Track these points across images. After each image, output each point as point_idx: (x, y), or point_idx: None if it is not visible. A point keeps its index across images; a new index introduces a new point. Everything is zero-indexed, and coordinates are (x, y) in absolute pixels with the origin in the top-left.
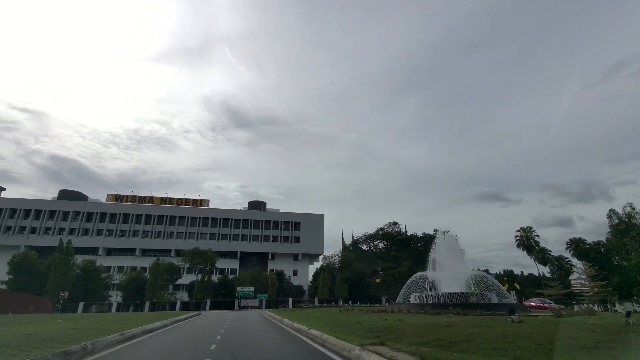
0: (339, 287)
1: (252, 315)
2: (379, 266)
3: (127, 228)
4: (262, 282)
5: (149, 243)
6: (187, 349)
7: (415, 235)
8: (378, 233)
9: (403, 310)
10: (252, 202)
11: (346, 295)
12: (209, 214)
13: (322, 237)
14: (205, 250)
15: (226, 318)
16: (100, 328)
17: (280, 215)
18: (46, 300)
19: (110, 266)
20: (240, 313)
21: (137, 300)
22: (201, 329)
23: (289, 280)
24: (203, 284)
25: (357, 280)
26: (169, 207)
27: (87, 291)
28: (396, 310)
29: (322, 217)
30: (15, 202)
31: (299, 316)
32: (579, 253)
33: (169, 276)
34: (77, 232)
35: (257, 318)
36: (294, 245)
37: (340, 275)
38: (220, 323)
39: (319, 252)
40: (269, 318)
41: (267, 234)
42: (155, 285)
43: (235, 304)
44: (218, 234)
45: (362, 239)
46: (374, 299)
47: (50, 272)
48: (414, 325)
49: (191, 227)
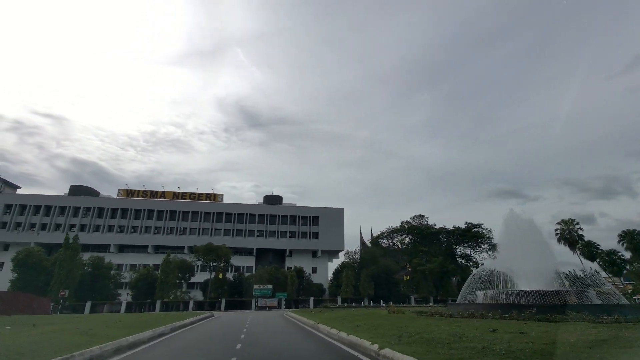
0: (364, 285)
1: (274, 317)
2: (405, 262)
3: (139, 224)
4: (280, 280)
5: (162, 240)
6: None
7: (445, 228)
8: (403, 227)
9: (474, 312)
10: (268, 196)
11: (372, 294)
12: (223, 208)
13: (342, 233)
14: (219, 246)
15: (243, 322)
16: (46, 342)
17: (297, 210)
18: (44, 300)
19: (122, 264)
20: (259, 314)
21: (147, 300)
22: (210, 340)
23: (309, 277)
24: (217, 282)
25: (384, 277)
26: (181, 202)
27: (95, 290)
28: (466, 313)
29: (341, 211)
30: (25, 198)
31: (339, 321)
32: (634, 246)
33: (181, 274)
34: (88, 229)
35: (281, 322)
36: (312, 242)
37: (365, 272)
38: (235, 330)
39: (339, 249)
40: (296, 322)
41: (284, 229)
42: (167, 283)
43: (252, 303)
44: (233, 230)
45: (386, 233)
46: (402, 298)
47: (55, 269)
48: (570, 346)
49: (204, 223)
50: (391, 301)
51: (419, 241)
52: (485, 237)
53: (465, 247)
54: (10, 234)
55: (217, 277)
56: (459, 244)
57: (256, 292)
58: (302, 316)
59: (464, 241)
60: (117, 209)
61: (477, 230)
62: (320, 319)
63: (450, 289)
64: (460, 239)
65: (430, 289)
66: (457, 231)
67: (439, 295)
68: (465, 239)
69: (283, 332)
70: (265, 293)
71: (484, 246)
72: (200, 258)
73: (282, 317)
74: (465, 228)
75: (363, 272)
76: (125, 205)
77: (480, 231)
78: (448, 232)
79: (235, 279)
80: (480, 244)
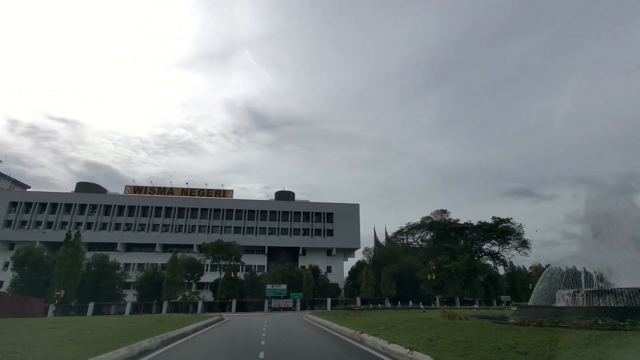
0: (386, 284)
1: (294, 322)
2: (428, 260)
3: (147, 222)
4: (295, 280)
5: (170, 238)
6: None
7: (470, 223)
8: (424, 223)
9: (559, 321)
10: (280, 192)
11: (394, 294)
12: (233, 205)
13: (358, 230)
14: (229, 243)
15: (258, 328)
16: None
17: (310, 206)
18: (37, 301)
19: (130, 263)
20: (275, 318)
21: (153, 300)
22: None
23: (325, 277)
24: (228, 282)
25: (407, 276)
26: (190, 198)
27: (99, 290)
28: (547, 322)
29: (356, 207)
30: (30, 196)
31: (387, 330)
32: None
33: (190, 273)
34: (94, 227)
35: (306, 329)
36: (326, 239)
37: (386, 271)
38: (251, 344)
39: (355, 247)
40: (326, 329)
41: (297, 226)
42: (173, 283)
43: (265, 304)
44: (243, 227)
45: (405, 229)
46: (427, 299)
47: (54, 268)
48: None
49: (214, 220)
50: (420, 302)
51: (443, 237)
52: (515, 232)
53: (492, 243)
54: (15, 233)
55: (227, 277)
56: (485, 240)
57: (269, 292)
58: (330, 321)
59: (491, 237)
60: (124, 206)
61: (506, 225)
62: (357, 326)
63: (478, 289)
64: (487, 235)
65: (457, 289)
66: (483, 226)
67: (464, 296)
68: (493, 235)
69: (318, 346)
70: (279, 293)
71: (512, 242)
72: (210, 256)
73: (303, 321)
74: (493, 223)
75: (384, 270)
76: (132, 202)
77: (510, 226)
78: (473, 227)
79: (247, 278)
80: (509, 241)
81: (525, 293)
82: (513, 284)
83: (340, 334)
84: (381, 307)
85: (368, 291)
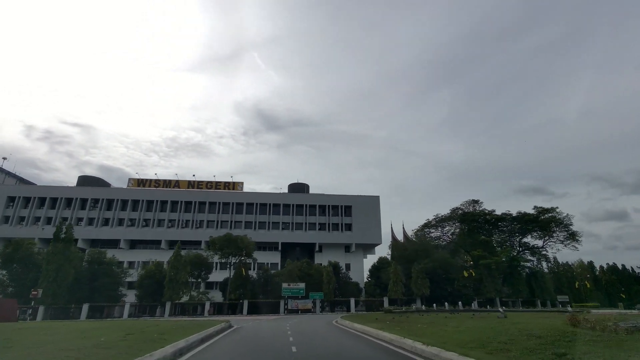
0: (417, 282)
1: (328, 330)
2: (460, 255)
3: (151, 217)
4: (313, 278)
5: (176, 234)
6: None
7: (509, 214)
8: (455, 214)
9: None
10: (293, 184)
11: (427, 294)
12: (243, 198)
13: (379, 224)
14: (239, 236)
15: (282, 344)
16: None
17: (326, 199)
18: (8, 303)
19: (134, 261)
20: (299, 323)
21: (154, 301)
22: None
23: (346, 274)
24: (238, 280)
25: (441, 273)
26: (197, 191)
27: (94, 289)
28: None
29: (377, 199)
30: (28, 190)
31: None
32: None
33: (197, 271)
34: (96, 223)
35: (364, 350)
36: (345, 234)
37: (417, 268)
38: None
39: (376, 242)
40: (385, 344)
41: (313, 220)
42: (177, 282)
43: (281, 305)
44: (255, 222)
45: (433, 222)
46: (465, 299)
47: (42, 265)
48: None
49: (223, 215)
50: (500, 304)
51: (475, 230)
52: (563, 223)
53: (535, 236)
54: (13, 229)
55: (237, 274)
56: (524, 233)
57: (285, 291)
58: (388, 332)
59: (532, 230)
60: (127, 200)
61: (551, 215)
62: (444, 342)
63: (522, 287)
64: (528, 227)
65: (498, 288)
66: (525, 217)
67: (503, 296)
68: (534, 228)
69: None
70: (296, 293)
71: (558, 235)
72: (217, 252)
73: (339, 329)
74: (535, 213)
75: (414, 267)
76: (136, 196)
77: (556, 216)
78: (512, 218)
79: (260, 276)
80: (554, 233)
81: (572, 293)
82: (559, 282)
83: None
84: (414, 309)
85: (397, 290)
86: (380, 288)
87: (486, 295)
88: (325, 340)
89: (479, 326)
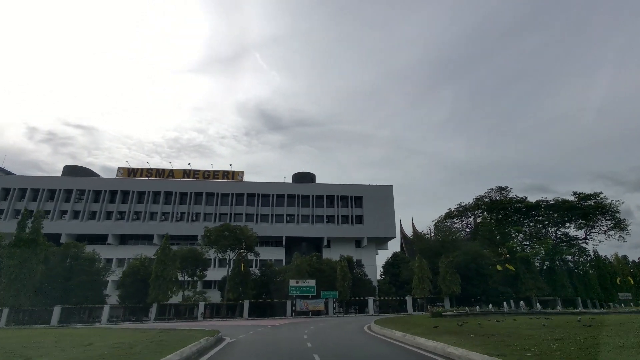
0: (446, 278)
1: (379, 350)
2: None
3: (143, 209)
4: (325, 274)
5: (170, 227)
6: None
7: (546, 200)
8: (481, 202)
9: None
10: (298, 173)
11: (458, 292)
12: (244, 188)
13: (393, 216)
14: (238, 227)
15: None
16: None
17: (335, 189)
18: None
19: (124, 258)
20: (320, 333)
21: (138, 303)
22: None
23: (362, 270)
24: (238, 277)
25: (474, 268)
26: (193, 181)
27: (69, 290)
28: None
29: (390, 189)
30: (7, 180)
31: None
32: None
33: (192, 268)
34: (82, 216)
35: None
36: (355, 227)
37: (445, 262)
38: None
39: (389, 236)
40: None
41: (320, 212)
42: (164, 279)
43: (288, 306)
44: (256, 215)
45: (456, 212)
46: (501, 298)
47: (2, 261)
48: None
49: (222, 207)
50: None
51: (503, 220)
52: (609, 210)
53: (571, 227)
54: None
55: (236, 271)
56: (562, 223)
57: (293, 290)
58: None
59: (571, 219)
60: (116, 191)
61: (596, 201)
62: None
63: (566, 284)
64: (567, 216)
65: (539, 285)
66: (563, 205)
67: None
68: (575, 216)
69: None
70: (306, 292)
71: (601, 224)
72: (213, 245)
73: (387, 343)
74: (575, 200)
75: (442, 260)
76: (126, 186)
77: (601, 202)
78: (548, 206)
79: (263, 273)
80: (596, 222)
81: (615, 290)
82: (602, 278)
83: None
84: (482, 312)
85: (424, 288)
86: (396, 286)
87: (524, 293)
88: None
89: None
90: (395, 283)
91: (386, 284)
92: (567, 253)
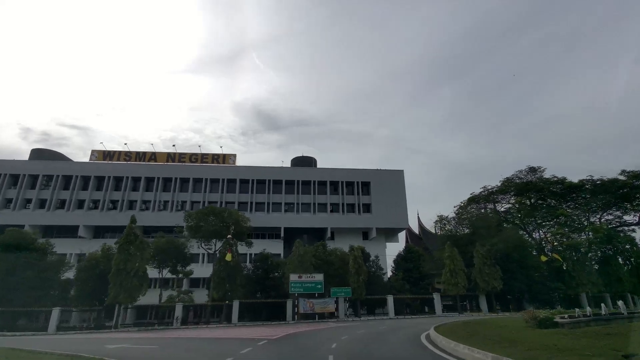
0: (483, 272)
1: None
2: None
3: (120, 197)
4: (334, 267)
5: (152, 218)
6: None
7: (591, 179)
8: (510, 184)
9: None
10: (297, 158)
11: (499, 289)
12: (236, 173)
13: (405, 204)
14: (225, 209)
15: None
16: None
17: (339, 174)
18: None
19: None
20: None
21: (98, 306)
22: None
23: (376, 262)
24: (224, 271)
25: (516, 259)
26: (178, 165)
27: (10, 288)
28: None
29: (400, 174)
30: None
31: None
32: None
33: (171, 263)
34: (48, 205)
35: None
36: (362, 217)
37: (482, 250)
38: None
39: (401, 226)
40: None
41: (323, 200)
42: (128, 274)
43: (288, 307)
44: (251, 203)
45: (484, 193)
46: (553, 298)
47: None
48: None
49: (211, 194)
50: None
51: (540, 204)
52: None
53: (623, 210)
54: None
55: (221, 265)
56: (609, 206)
57: (295, 287)
58: None
59: (618, 204)
60: (89, 177)
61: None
62: None
63: (625, 278)
64: (615, 198)
65: (594, 280)
66: (614, 184)
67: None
68: (626, 199)
69: None
70: (311, 289)
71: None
72: (195, 234)
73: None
74: (625, 179)
75: (477, 248)
76: (100, 171)
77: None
78: (594, 188)
79: (257, 267)
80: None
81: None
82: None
83: None
84: (606, 317)
85: (458, 284)
86: (410, 283)
87: (574, 290)
88: None
89: None
90: (409, 279)
91: (398, 280)
92: (627, 240)
